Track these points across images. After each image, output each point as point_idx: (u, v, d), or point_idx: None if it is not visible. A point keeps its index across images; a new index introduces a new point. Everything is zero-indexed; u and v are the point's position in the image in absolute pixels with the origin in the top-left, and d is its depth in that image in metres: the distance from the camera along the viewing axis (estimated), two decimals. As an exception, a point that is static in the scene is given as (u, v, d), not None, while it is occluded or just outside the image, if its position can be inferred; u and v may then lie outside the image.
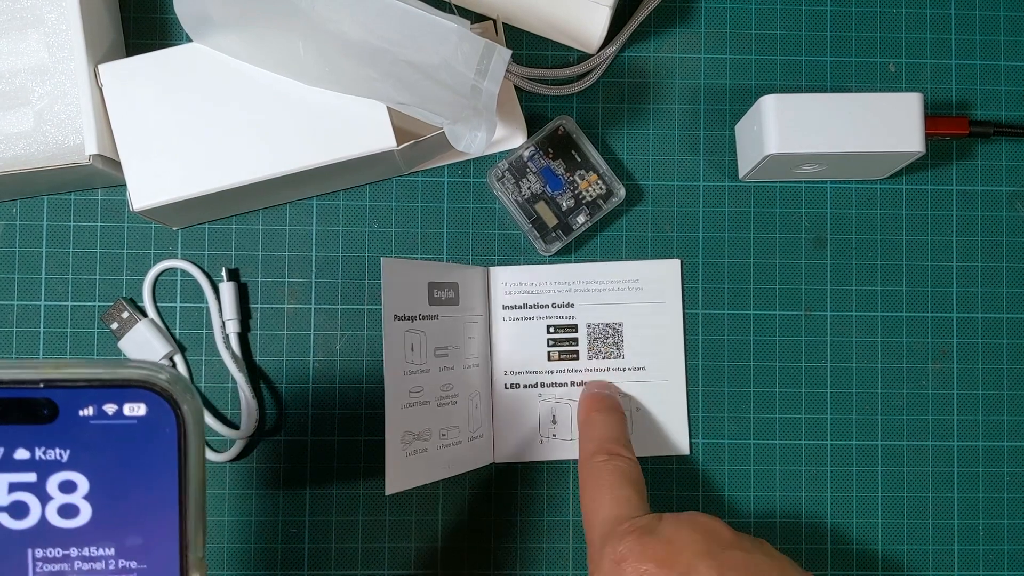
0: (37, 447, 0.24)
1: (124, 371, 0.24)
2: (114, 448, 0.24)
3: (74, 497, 0.24)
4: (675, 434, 0.47)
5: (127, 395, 0.24)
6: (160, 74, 0.42)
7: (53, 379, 0.23)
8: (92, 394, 0.24)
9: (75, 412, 0.24)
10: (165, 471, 0.24)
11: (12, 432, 0.23)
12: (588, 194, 0.46)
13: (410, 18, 0.39)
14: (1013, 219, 0.48)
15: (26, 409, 0.23)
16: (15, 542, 0.24)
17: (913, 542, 0.47)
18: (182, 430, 0.24)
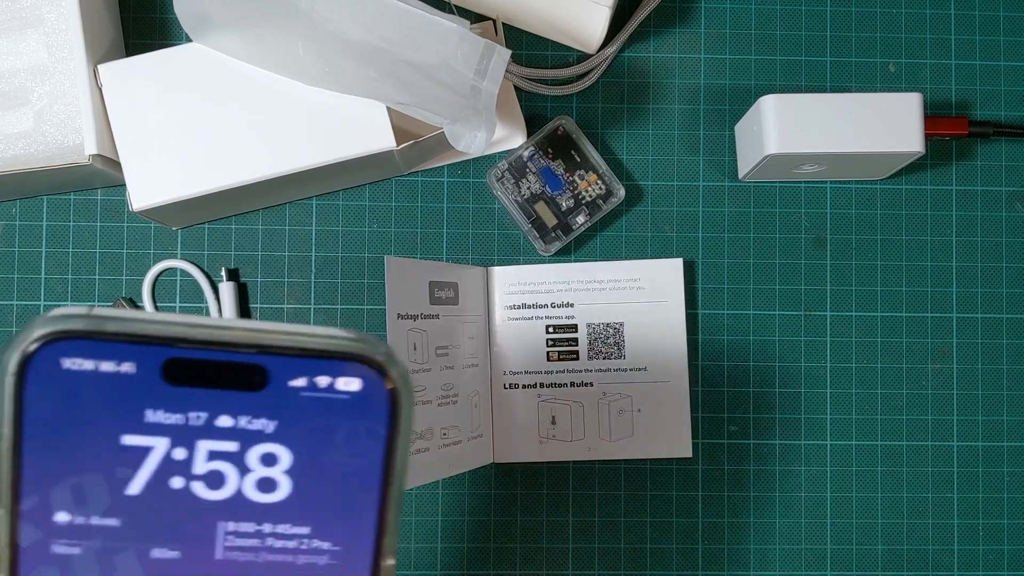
0: (242, 415, 0.22)
1: (343, 343, 0.22)
2: (322, 423, 0.22)
3: (274, 471, 0.23)
4: (677, 436, 0.47)
5: (343, 368, 0.22)
6: (160, 74, 0.42)
7: (268, 345, 0.22)
8: (306, 364, 0.22)
9: (286, 381, 0.22)
10: (372, 451, 0.23)
11: (217, 397, 0.22)
12: (588, 194, 0.46)
13: (410, 18, 0.39)
14: (1013, 219, 0.48)
15: (235, 374, 0.22)
16: (207, 513, 0.23)
17: (913, 542, 0.47)
18: (395, 410, 0.22)
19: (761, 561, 0.47)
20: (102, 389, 0.21)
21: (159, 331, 0.21)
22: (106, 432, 0.21)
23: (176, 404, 0.21)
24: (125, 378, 0.21)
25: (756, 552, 0.47)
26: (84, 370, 0.21)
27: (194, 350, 0.21)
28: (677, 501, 0.47)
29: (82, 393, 0.21)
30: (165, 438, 0.22)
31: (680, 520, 0.47)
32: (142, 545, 0.22)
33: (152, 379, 0.21)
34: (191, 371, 0.21)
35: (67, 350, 0.21)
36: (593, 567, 0.46)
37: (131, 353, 0.21)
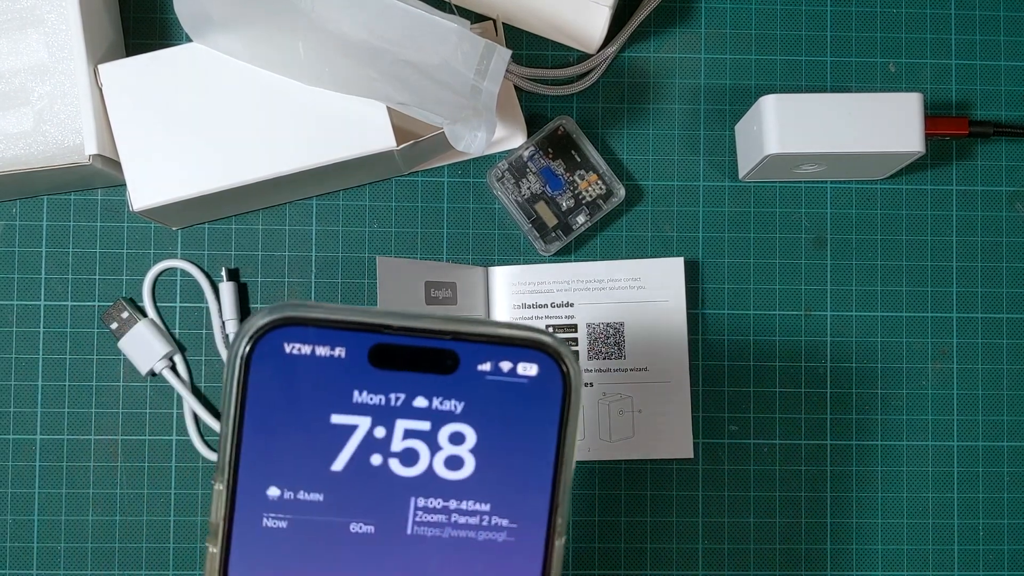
0: (435, 396, 0.24)
1: (523, 332, 0.24)
2: (504, 404, 0.24)
3: (461, 449, 0.24)
4: (678, 436, 0.47)
5: (523, 354, 0.24)
6: (160, 74, 0.42)
7: (461, 332, 0.24)
8: (492, 350, 0.24)
9: (474, 366, 0.24)
10: (547, 432, 0.24)
11: (415, 380, 0.24)
12: (588, 194, 0.46)
13: (410, 18, 0.39)
14: (1013, 219, 0.48)
15: (431, 359, 0.24)
16: (402, 489, 0.24)
17: (913, 542, 0.47)
18: (567, 394, 0.24)
19: (762, 561, 0.47)
20: (316, 371, 0.23)
21: (368, 319, 0.23)
22: (317, 411, 0.24)
23: (379, 386, 0.24)
24: (337, 361, 0.24)
25: (756, 552, 0.47)
26: (302, 354, 0.23)
27: (398, 336, 0.24)
28: (677, 501, 0.47)
29: (299, 375, 0.23)
30: (368, 417, 0.24)
31: (680, 520, 0.47)
32: (342, 519, 0.24)
33: (360, 362, 0.24)
34: (393, 356, 0.24)
35: (289, 336, 0.23)
36: (593, 567, 0.46)
37: (343, 339, 0.23)
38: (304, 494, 0.24)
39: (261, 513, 0.24)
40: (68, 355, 0.46)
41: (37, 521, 0.45)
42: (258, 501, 0.24)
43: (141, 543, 0.46)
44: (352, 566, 0.24)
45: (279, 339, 0.23)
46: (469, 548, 0.25)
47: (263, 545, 0.24)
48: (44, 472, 0.46)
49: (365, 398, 0.24)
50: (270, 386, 0.23)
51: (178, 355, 0.46)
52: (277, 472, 0.24)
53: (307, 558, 0.24)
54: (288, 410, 0.24)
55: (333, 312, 0.23)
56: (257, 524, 0.24)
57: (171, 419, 0.46)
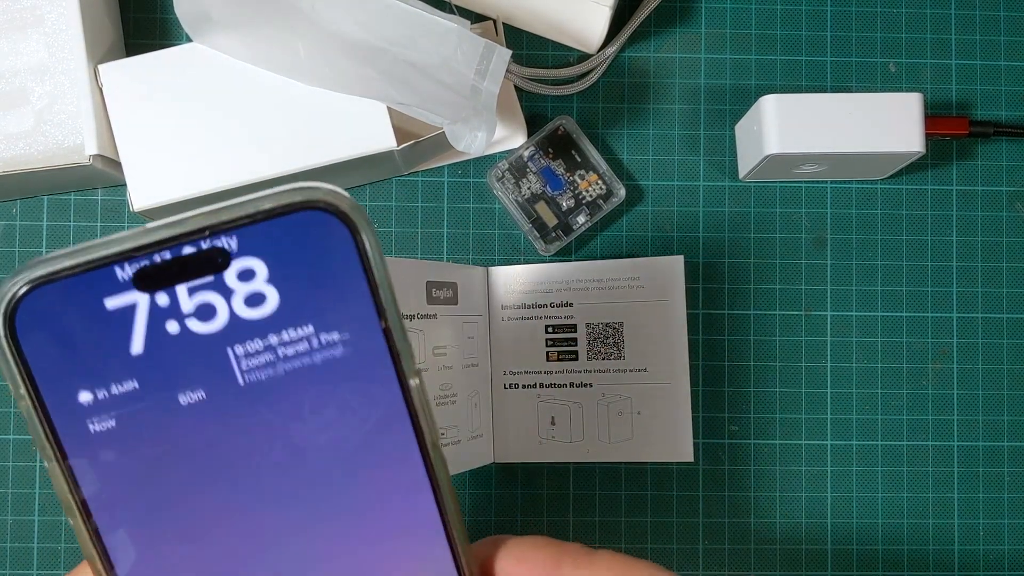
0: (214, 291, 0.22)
1: (287, 197, 0.22)
2: (283, 233, 0.22)
3: (256, 284, 0.23)
4: (678, 439, 0.46)
5: (284, 225, 0.22)
6: (160, 74, 0.42)
7: (216, 223, 0.22)
8: (258, 231, 0.22)
9: (247, 254, 0.22)
10: (349, 259, 0.23)
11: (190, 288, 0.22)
12: (588, 194, 0.46)
13: (410, 18, 0.39)
14: (1013, 219, 0.48)
15: (197, 264, 0.22)
16: (213, 345, 0.23)
17: (913, 542, 0.47)
18: (355, 231, 0.22)
19: (762, 561, 0.47)
20: (88, 323, 0.22)
21: (116, 248, 0.22)
22: (90, 304, 0.22)
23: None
24: (102, 304, 0.22)
25: (757, 552, 0.47)
26: (69, 309, 0.22)
27: (152, 253, 0.22)
28: (678, 501, 0.47)
29: (74, 327, 0.22)
30: (145, 294, 0.22)
31: (680, 520, 0.47)
32: (167, 395, 0.23)
33: (127, 294, 0.22)
34: (158, 276, 0.22)
35: (45, 297, 0.22)
36: (593, 567, 0.46)
37: (99, 278, 0.22)
38: (117, 387, 0.23)
39: (85, 420, 0.22)
40: (68, 355, 0.46)
41: (38, 521, 0.45)
42: (75, 411, 0.22)
43: (141, 543, 0.46)
44: (200, 435, 0.23)
45: (35, 303, 0.22)
46: (312, 373, 0.23)
47: (100, 449, 0.23)
48: (44, 472, 0.46)
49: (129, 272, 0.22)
50: (46, 347, 0.22)
51: (178, 355, 0.46)
52: (79, 377, 0.22)
53: (151, 443, 0.23)
54: (62, 319, 0.22)
55: (73, 258, 0.21)
56: (84, 432, 0.23)
57: (171, 419, 0.46)
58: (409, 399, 0.23)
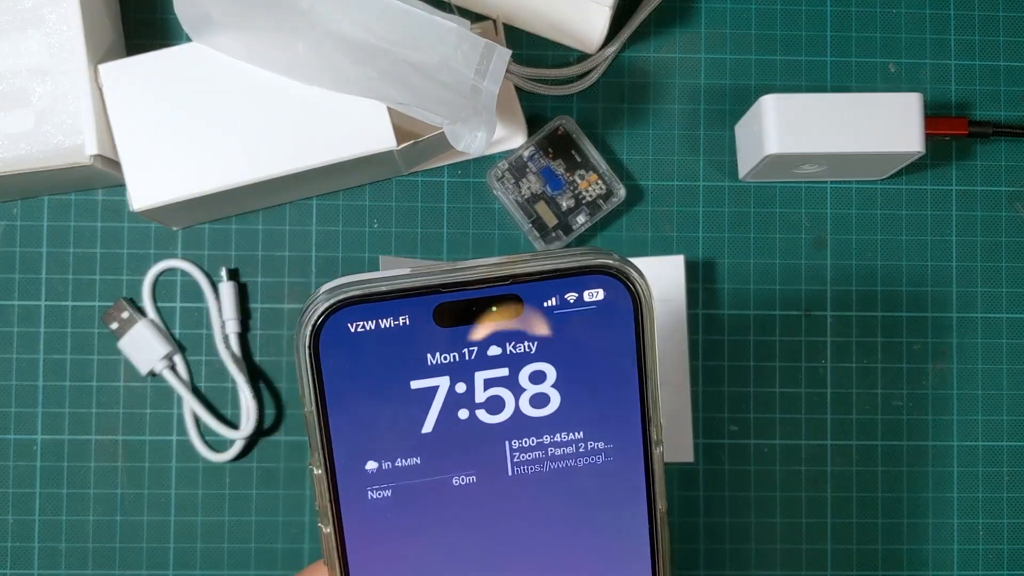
0: (507, 342, 0.25)
1: (581, 259, 0.25)
2: (578, 333, 0.25)
3: (544, 387, 0.25)
4: (678, 440, 0.47)
5: (586, 282, 0.25)
6: (160, 74, 0.42)
7: (517, 274, 0.24)
8: (554, 285, 0.25)
9: (540, 303, 0.25)
10: (625, 350, 0.25)
11: (487, 329, 0.25)
12: (588, 194, 0.46)
13: (410, 18, 0.39)
14: (1012, 219, 0.48)
15: (491, 307, 0.24)
16: (494, 436, 0.25)
17: (913, 542, 0.47)
18: (638, 308, 0.25)
19: (762, 561, 0.47)
20: (386, 343, 0.24)
21: (425, 282, 0.24)
22: (396, 381, 0.24)
23: (450, 344, 0.24)
24: (403, 329, 0.24)
25: (757, 552, 0.47)
26: (368, 330, 0.24)
27: (456, 293, 0.24)
28: (678, 501, 0.47)
29: (369, 350, 0.24)
30: (446, 376, 0.24)
31: (681, 520, 0.47)
32: (443, 476, 0.25)
33: (427, 325, 0.24)
34: (457, 312, 0.24)
35: (351, 316, 0.24)
36: (593, 567, 0.46)
37: (404, 307, 0.24)
38: (401, 461, 0.25)
39: (364, 488, 0.25)
40: (68, 355, 0.46)
41: (38, 521, 0.45)
42: (359, 477, 0.24)
43: (141, 543, 0.46)
44: (463, 515, 0.25)
45: (342, 320, 0.24)
46: (571, 475, 0.26)
47: (373, 516, 0.25)
48: (45, 472, 0.46)
49: (439, 359, 0.24)
50: (343, 366, 0.24)
51: (178, 355, 0.46)
52: (371, 447, 0.25)
53: (418, 517, 0.25)
54: (367, 386, 0.24)
55: (391, 283, 0.24)
56: (363, 498, 0.25)
57: (171, 419, 0.46)
58: (651, 482, 0.26)
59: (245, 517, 0.46)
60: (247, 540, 0.46)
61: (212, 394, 0.46)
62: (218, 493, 0.46)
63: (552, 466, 0.25)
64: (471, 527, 0.25)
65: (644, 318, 0.25)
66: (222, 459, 0.46)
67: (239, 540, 0.46)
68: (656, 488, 0.26)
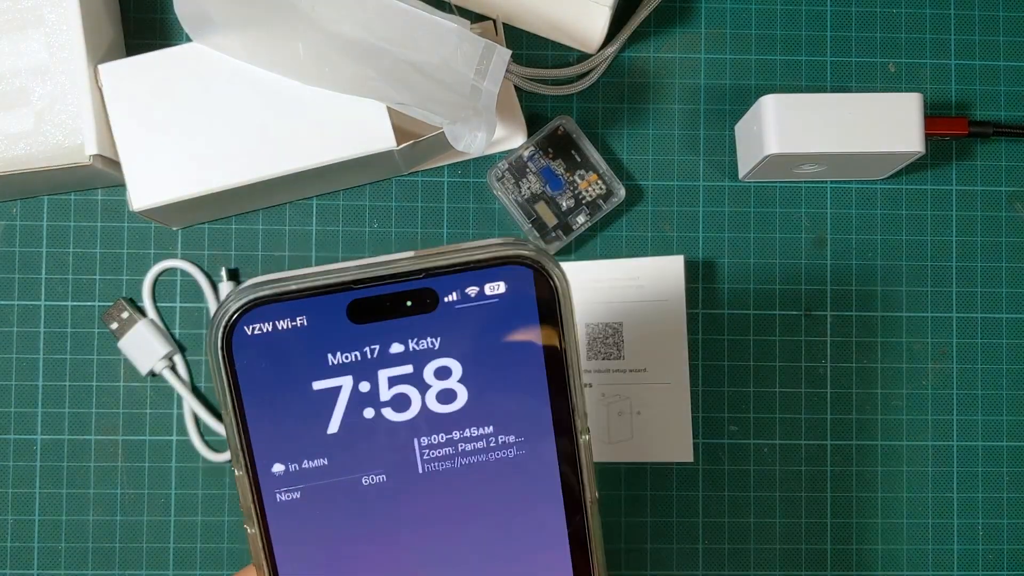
0: (410, 339, 0.24)
1: (493, 251, 0.24)
2: (479, 328, 0.24)
3: (450, 383, 0.25)
4: (678, 439, 0.47)
5: (490, 275, 0.24)
6: (160, 74, 0.42)
7: (431, 267, 0.24)
8: (462, 278, 0.24)
9: (446, 298, 0.24)
10: (530, 342, 0.25)
11: (392, 327, 0.24)
12: (588, 194, 0.46)
13: (410, 18, 0.39)
14: (1013, 219, 0.48)
15: (411, 302, 0.24)
16: (401, 433, 0.25)
17: (913, 542, 0.47)
18: (551, 297, 0.24)
19: (762, 561, 0.47)
20: (297, 341, 0.24)
21: (335, 279, 0.23)
22: (300, 382, 0.24)
23: (352, 343, 0.24)
24: (309, 329, 0.24)
25: (757, 552, 0.47)
26: (280, 329, 0.24)
27: (370, 289, 0.24)
28: (677, 501, 0.47)
29: (277, 351, 0.24)
30: (348, 376, 0.24)
31: (680, 520, 0.47)
32: (352, 476, 0.25)
33: (339, 321, 0.24)
34: (372, 309, 0.24)
35: (260, 316, 0.23)
36: (593, 567, 0.46)
37: (316, 305, 0.24)
38: (308, 463, 0.24)
39: (274, 490, 0.24)
40: (68, 355, 0.46)
41: (38, 521, 0.45)
42: (270, 479, 0.24)
43: (141, 543, 0.46)
44: (374, 516, 0.25)
45: (252, 321, 0.23)
46: (483, 470, 0.25)
47: (290, 518, 0.25)
48: (45, 472, 0.46)
49: (340, 359, 0.24)
50: (255, 367, 0.24)
51: (178, 355, 0.46)
52: (279, 449, 0.24)
53: (330, 518, 0.25)
54: (275, 387, 0.24)
55: (301, 281, 0.23)
56: (273, 501, 0.25)
57: (171, 419, 0.46)
58: (580, 472, 0.25)
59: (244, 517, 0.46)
60: (246, 540, 0.46)
61: (212, 394, 0.46)
62: (218, 493, 0.46)
63: (463, 461, 0.25)
64: (385, 527, 0.25)
65: (563, 307, 0.24)
66: (222, 459, 0.46)
67: (239, 540, 0.46)
68: (585, 477, 0.25)
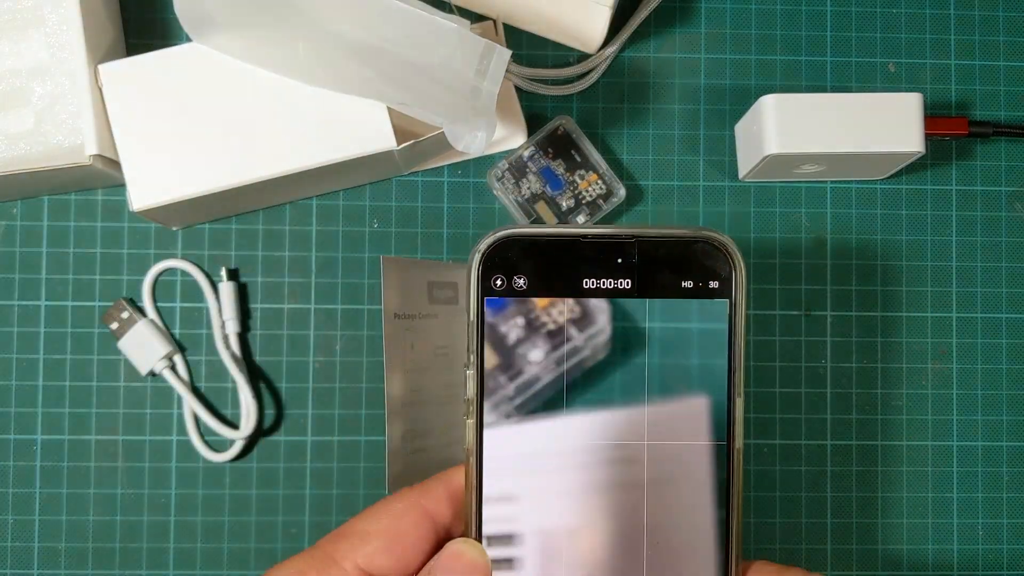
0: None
1: (688, 231, 0.30)
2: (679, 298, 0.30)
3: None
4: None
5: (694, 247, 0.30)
6: (160, 74, 0.42)
7: (642, 234, 0.30)
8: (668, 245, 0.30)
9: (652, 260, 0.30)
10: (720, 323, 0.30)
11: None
12: (588, 194, 0.46)
13: (410, 18, 0.39)
14: (1012, 219, 0.48)
15: (620, 255, 0.30)
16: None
17: (912, 542, 0.47)
18: (737, 281, 0.30)
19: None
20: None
21: (573, 231, 0.31)
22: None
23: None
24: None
25: (757, 552, 0.47)
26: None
27: (595, 241, 0.30)
28: (677, 501, 0.47)
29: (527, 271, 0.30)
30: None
31: (680, 520, 0.47)
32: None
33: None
34: (600, 254, 0.30)
35: (509, 248, 0.30)
36: (593, 567, 0.46)
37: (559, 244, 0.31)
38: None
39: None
40: (68, 355, 0.46)
41: (38, 521, 0.45)
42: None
43: (141, 543, 0.46)
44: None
45: (503, 252, 0.31)
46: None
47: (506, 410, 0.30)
48: (45, 472, 0.46)
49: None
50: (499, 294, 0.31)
51: (178, 355, 0.46)
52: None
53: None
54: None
55: (543, 228, 0.32)
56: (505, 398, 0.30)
57: (171, 419, 0.46)
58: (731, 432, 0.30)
59: (245, 517, 0.46)
60: (247, 540, 0.46)
61: (212, 394, 0.46)
62: (218, 493, 0.46)
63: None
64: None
65: (738, 291, 0.30)
66: (222, 459, 0.46)
67: (239, 540, 0.46)
68: (735, 430, 0.30)
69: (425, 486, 0.30)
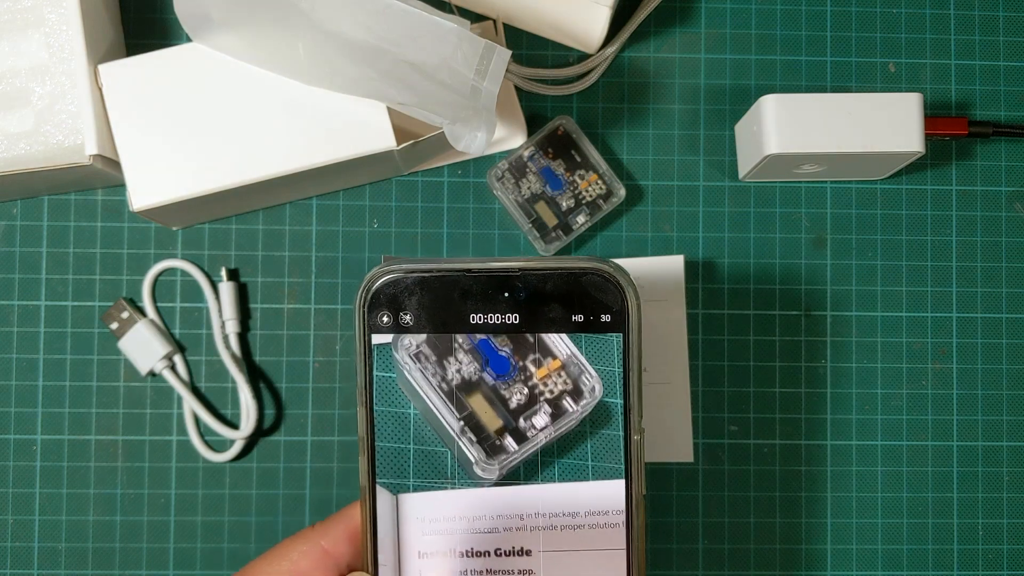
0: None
1: (578, 263, 0.30)
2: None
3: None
4: (678, 439, 0.47)
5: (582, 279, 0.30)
6: (160, 74, 0.42)
7: (526, 268, 0.30)
8: (552, 277, 0.30)
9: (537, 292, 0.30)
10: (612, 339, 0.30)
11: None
12: (588, 194, 0.46)
13: (410, 18, 0.39)
14: (1013, 219, 0.48)
15: (506, 288, 0.30)
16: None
17: (913, 542, 0.47)
18: (630, 314, 0.30)
19: (762, 561, 0.47)
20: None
21: (459, 266, 0.30)
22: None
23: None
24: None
25: (756, 552, 0.47)
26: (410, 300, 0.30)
27: (478, 275, 0.30)
28: (677, 501, 0.47)
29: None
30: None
31: (680, 520, 0.47)
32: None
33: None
34: (483, 289, 0.30)
35: (395, 285, 0.30)
36: (593, 567, 0.46)
37: (444, 280, 0.30)
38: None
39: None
40: (68, 355, 0.46)
41: (38, 521, 0.45)
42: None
43: (141, 543, 0.46)
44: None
45: (388, 289, 0.30)
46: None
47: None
48: (45, 472, 0.46)
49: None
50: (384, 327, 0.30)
51: (178, 355, 0.46)
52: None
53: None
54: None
55: (429, 263, 0.30)
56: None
57: (171, 419, 0.46)
58: (628, 452, 0.30)
59: (245, 517, 0.46)
60: (247, 540, 0.46)
61: (212, 394, 0.46)
62: (218, 493, 0.46)
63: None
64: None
65: (631, 316, 0.30)
66: (222, 459, 0.46)
67: (239, 540, 0.46)
68: (634, 471, 0.30)
69: (325, 525, 0.31)
